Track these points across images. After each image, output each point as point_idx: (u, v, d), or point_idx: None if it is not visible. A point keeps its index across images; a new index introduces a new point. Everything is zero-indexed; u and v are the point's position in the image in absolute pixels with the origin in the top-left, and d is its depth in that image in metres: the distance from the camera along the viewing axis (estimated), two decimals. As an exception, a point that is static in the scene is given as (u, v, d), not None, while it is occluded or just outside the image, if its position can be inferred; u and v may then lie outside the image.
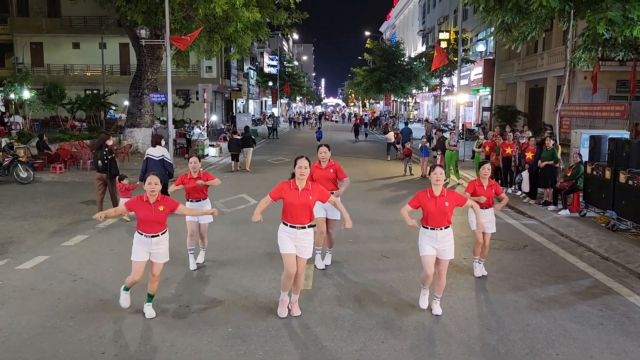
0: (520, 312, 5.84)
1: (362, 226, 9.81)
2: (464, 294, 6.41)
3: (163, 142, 11.00)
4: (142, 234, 5.46)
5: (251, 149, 18.49)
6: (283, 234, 5.50)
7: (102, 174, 10.59)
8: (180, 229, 8.54)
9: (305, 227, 5.46)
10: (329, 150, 7.25)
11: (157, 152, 10.50)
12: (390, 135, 23.63)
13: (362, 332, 5.27)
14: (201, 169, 7.44)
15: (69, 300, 6.03)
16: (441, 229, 5.61)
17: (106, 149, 10.64)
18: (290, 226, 5.44)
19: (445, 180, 6.44)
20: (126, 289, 5.68)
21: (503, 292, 6.49)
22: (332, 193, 7.08)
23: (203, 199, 7.31)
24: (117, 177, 10.35)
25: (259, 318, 5.57)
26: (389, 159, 22.58)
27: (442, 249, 5.65)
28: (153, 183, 5.43)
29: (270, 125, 36.48)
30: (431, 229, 5.62)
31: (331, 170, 7.20)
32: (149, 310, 5.60)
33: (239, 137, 18.62)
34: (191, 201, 7.24)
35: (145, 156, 10.55)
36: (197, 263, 7.36)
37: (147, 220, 5.41)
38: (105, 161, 10.57)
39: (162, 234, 5.53)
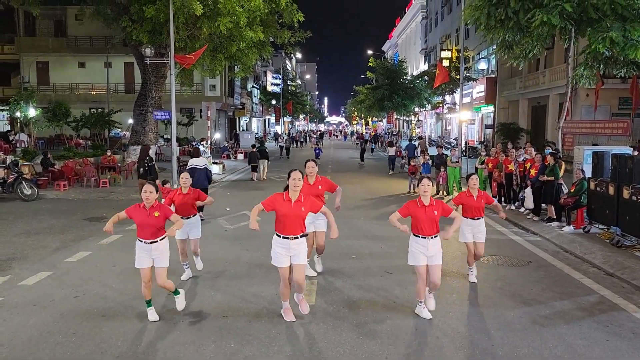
0: (525, 328, 5.78)
1: (366, 242, 9.79)
2: (469, 310, 6.36)
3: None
4: (141, 241, 5.72)
5: (267, 160, 20.98)
6: (277, 246, 5.69)
7: (143, 179, 11.93)
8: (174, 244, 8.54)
9: (297, 237, 5.63)
10: (317, 165, 7.44)
11: (201, 162, 12.03)
12: (392, 149, 24.96)
13: (365, 348, 5.22)
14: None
15: (71, 315, 6.00)
16: (432, 237, 5.80)
17: (147, 158, 12.31)
18: (283, 237, 5.62)
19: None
20: (149, 304, 5.85)
21: (508, 308, 6.43)
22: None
23: (193, 215, 7.36)
24: (161, 182, 10.57)
25: (262, 333, 5.53)
26: (391, 172, 23.45)
27: (432, 255, 5.83)
28: (148, 191, 5.65)
29: (284, 144, 35.27)
30: (422, 237, 5.80)
31: (319, 187, 7.27)
32: (180, 302, 6.04)
33: (257, 151, 21.07)
34: (181, 218, 7.23)
35: (190, 166, 11.84)
36: (198, 269, 7.55)
37: (143, 225, 5.66)
38: (146, 168, 12.11)
39: (160, 240, 5.72)
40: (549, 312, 6.30)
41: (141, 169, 12.30)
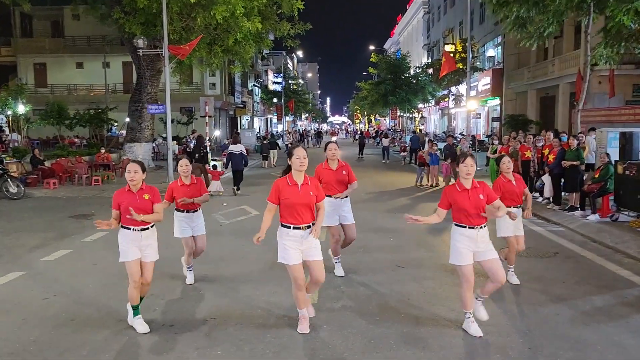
0: (564, 327, 4.92)
1: (373, 235, 8.94)
2: (497, 307, 5.47)
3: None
4: (129, 229, 4.81)
5: (277, 150, 25.09)
6: (285, 239, 4.68)
7: (199, 163, 14.09)
8: (170, 240, 7.71)
9: (311, 226, 4.68)
10: (339, 148, 6.47)
11: (237, 148, 14.22)
12: (386, 140, 28.31)
13: (378, 354, 4.37)
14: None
15: (36, 320, 5.19)
16: (481, 227, 4.66)
17: (203, 146, 14.82)
18: (295, 227, 4.63)
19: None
20: (136, 312, 4.91)
21: (541, 303, 5.57)
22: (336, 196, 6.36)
23: (194, 210, 6.27)
24: (212, 166, 14.91)
25: (255, 338, 4.69)
26: (384, 161, 26.13)
27: (483, 250, 4.68)
28: (132, 171, 4.79)
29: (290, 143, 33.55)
30: (469, 227, 4.65)
31: (343, 172, 6.38)
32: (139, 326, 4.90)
33: (268, 142, 25.08)
34: (181, 212, 6.22)
35: (228, 151, 14.39)
36: (186, 282, 6.38)
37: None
38: (202, 154, 14.47)
39: (151, 227, 4.90)
40: (589, 308, 5.43)
41: (197, 155, 14.34)
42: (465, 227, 4.68)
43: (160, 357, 4.36)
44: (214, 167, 15.23)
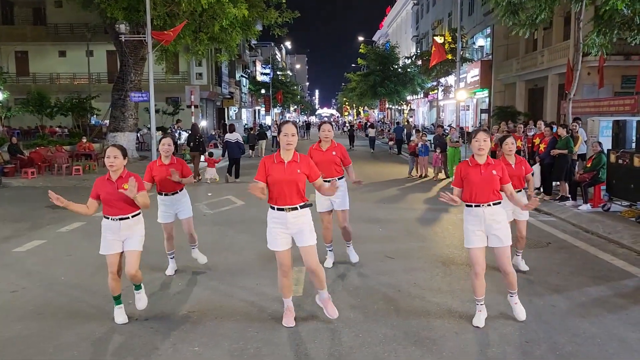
0: (562, 319, 4.69)
1: (362, 225, 8.65)
2: (491, 298, 5.21)
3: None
4: (108, 218, 4.53)
5: (265, 140, 25.34)
6: (272, 223, 4.41)
7: (195, 152, 14.57)
8: (153, 231, 7.37)
9: (297, 209, 4.34)
10: (333, 129, 6.17)
11: (233, 137, 14.61)
12: (371, 131, 28.95)
13: (367, 349, 4.11)
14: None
15: (1, 314, 4.84)
16: (489, 204, 4.44)
17: (198, 135, 14.95)
18: (278, 209, 4.34)
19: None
20: (118, 301, 4.67)
21: (536, 294, 5.34)
22: (339, 179, 6.05)
23: (179, 191, 5.94)
24: (207, 153, 15.04)
25: (235, 333, 4.40)
26: (372, 151, 26.84)
27: (494, 233, 4.46)
28: (112, 156, 4.46)
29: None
30: (476, 205, 4.44)
31: (334, 153, 6.06)
32: (140, 299, 4.88)
33: (257, 133, 25.52)
34: (165, 194, 5.87)
35: (225, 140, 14.86)
36: (201, 264, 6.28)
37: (110, 200, 4.49)
38: (197, 142, 14.56)
39: (133, 217, 4.57)
40: (585, 299, 5.21)
41: (192, 143, 14.54)
42: (471, 205, 4.47)
43: (133, 353, 4.04)
44: (210, 154, 14.95)
